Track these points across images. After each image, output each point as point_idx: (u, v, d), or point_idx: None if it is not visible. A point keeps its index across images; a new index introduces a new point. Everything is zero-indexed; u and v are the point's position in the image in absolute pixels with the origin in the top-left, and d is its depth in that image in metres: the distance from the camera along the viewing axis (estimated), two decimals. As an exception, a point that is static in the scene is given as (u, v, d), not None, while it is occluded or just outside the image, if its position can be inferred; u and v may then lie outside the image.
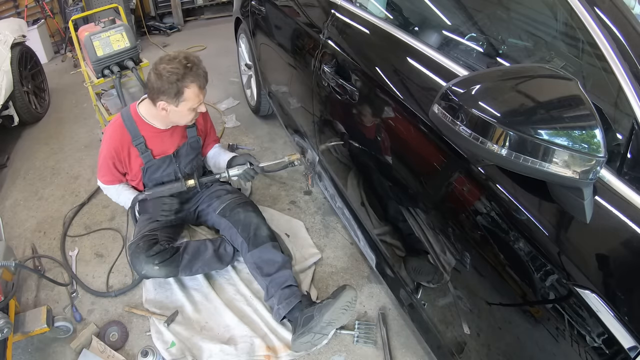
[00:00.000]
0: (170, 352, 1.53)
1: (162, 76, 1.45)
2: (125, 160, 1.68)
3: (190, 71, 1.47)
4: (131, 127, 1.63)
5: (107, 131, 1.69)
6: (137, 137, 1.64)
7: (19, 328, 1.48)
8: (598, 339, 0.69)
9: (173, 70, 1.44)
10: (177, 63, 1.45)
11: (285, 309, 1.53)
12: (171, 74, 1.44)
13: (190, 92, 1.50)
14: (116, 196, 1.80)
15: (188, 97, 1.51)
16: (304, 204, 2.20)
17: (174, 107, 1.53)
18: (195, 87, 1.50)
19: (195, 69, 1.48)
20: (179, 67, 1.45)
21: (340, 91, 1.40)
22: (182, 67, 1.45)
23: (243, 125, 2.92)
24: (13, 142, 2.94)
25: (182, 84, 1.46)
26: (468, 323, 1.04)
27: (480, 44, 1.12)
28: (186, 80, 1.47)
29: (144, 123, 1.64)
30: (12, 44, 2.91)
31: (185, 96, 1.50)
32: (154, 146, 1.68)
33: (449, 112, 0.75)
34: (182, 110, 1.55)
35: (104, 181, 1.75)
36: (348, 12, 1.46)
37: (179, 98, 1.50)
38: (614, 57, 0.79)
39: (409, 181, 1.18)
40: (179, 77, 1.45)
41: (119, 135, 1.64)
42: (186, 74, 1.46)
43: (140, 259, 1.61)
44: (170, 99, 1.50)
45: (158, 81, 1.46)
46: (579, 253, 0.73)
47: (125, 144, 1.64)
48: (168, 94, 1.48)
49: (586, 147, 0.64)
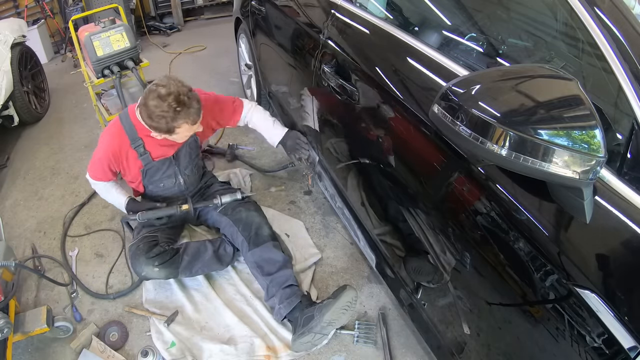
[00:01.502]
0: (170, 352, 1.53)
1: (151, 117, 1.46)
2: (123, 162, 1.68)
3: (180, 114, 1.44)
4: (129, 130, 1.63)
5: (105, 134, 1.68)
6: (136, 140, 1.64)
7: (19, 328, 1.48)
8: (598, 339, 0.69)
9: (162, 114, 1.43)
10: (167, 106, 1.42)
11: (287, 309, 1.53)
12: (160, 118, 1.44)
13: (182, 129, 1.51)
14: (104, 192, 1.80)
15: (180, 132, 1.52)
16: (304, 204, 2.20)
17: (168, 136, 1.55)
18: (186, 125, 1.49)
19: (186, 110, 1.45)
20: (169, 111, 1.43)
21: (340, 91, 1.40)
22: (172, 111, 1.43)
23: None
24: (13, 142, 2.94)
25: (173, 124, 1.47)
26: (468, 323, 1.04)
27: (480, 44, 1.12)
28: (177, 122, 1.46)
29: (141, 126, 1.64)
30: (12, 44, 2.90)
31: (177, 131, 1.51)
32: (153, 149, 1.68)
33: (449, 112, 0.75)
34: (176, 137, 1.57)
35: (93, 177, 1.75)
36: (348, 12, 1.46)
37: (171, 134, 1.52)
38: (614, 57, 0.79)
39: (409, 181, 1.18)
40: (169, 120, 1.45)
41: (117, 138, 1.63)
42: (176, 117, 1.45)
43: (140, 261, 1.61)
44: (163, 133, 1.52)
45: (149, 120, 1.47)
46: (579, 253, 0.73)
47: (123, 147, 1.64)
48: (160, 130, 1.50)
49: (586, 147, 0.64)
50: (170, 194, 1.84)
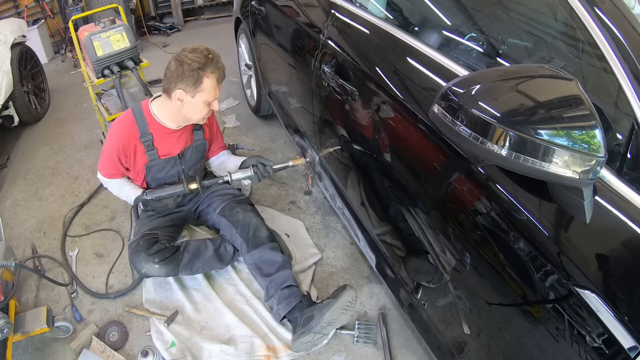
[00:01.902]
0: (170, 352, 1.53)
1: (183, 63, 1.48)
2: (130, 155, 1.67)
3: (211, 62, 1.50)
4: (141, 123, 1.63)
5: (115, 124, 1.66)
6: (146, 134, 1.63)
7: (19, 328, 1.48)
8: (598, 339, 0.69)
9: (195, 58, 1.48)
10: (199, 53, 1.49)
11: (285, 309, 1.53)
12: (193, 62, 1.48)
13: (208, 83, 1.52)
14: (118, 190, 1.78)
15: (205, 88, 1.52)
16: (304, 204, 2.20)
17: (190, 98, 1.53)
18: (213, 78, 1.52)
19: (216, 60, 1.53)
20: (201, 57, 1.49)
21: (340, 91, 1.40)
22: (204, 57, 1.49)
23: (243, 125, 2.92)
24: (13, 142, 2.94)
25: (202, 72, 1.49)
26: (468, 323, 1.04)
27: (480, 44, 1.12)
28: (206, 70, 1.49)
29: (154, 121, 1.64)
30: (12, 44, 2.90)
31: (203, 86, 1.51)
32: (161, 146, 1.67)
33: (449, 112, 0.75)
34: (197, 102, 1.55)
35: (105, 174, 1.73)
36: (348, 12, 1.46)
37: (197, 87, 1.51)
38: (614, 57, 0.79)
39: (409, 181, 1.18)
40: (200, 65, 1.48)
41: (128, 129, 1.62)
42: (207, 64, 1.49)
43: (140, 258, 1.61)
44: (189, 87, 1.51)
45: (179, 68, 1.49)
46: (579, 253, 0.73)
47: (132, 139, 1.63)
48: (187, 82, 1.50)
49: (586, 147, 0.64)
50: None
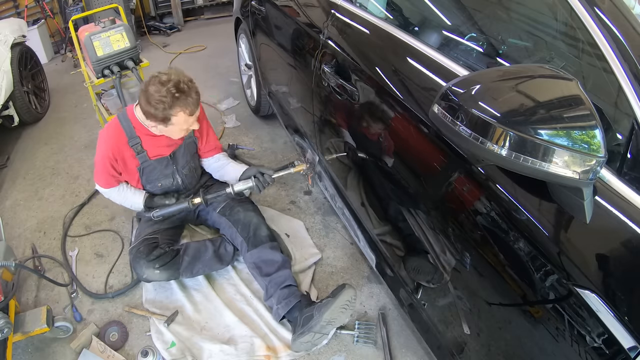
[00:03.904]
0: (170, 352, 1.53)
1: (150, 102, 1.46)
2: (121, 160, 1.68)
3: (178, 100, 1.45)
4: (127, 128, 1.64)
5: (103, 132, 1.68)
6: (133, 138, 1.64)
7: (19, 328, 1.48)
8: (598, 339, 0.69)
9: (161, 98, 1.43)
10: (166, 91, 1.43)
11: (284, 309, 1.53)
12: (158, 102, 1.44)
13: (178, 119, 1.50)
14: (121, 199, 1.78)
15: (176, 122, 1.52)
16: (304, 204, 2.20)
17: (164, 127, 1.54)
18: (183, 114, 1.49)
19: (184, 97, 1.46)
20: (167, 96, 1.43)
21: (340, 91, 1.40)
22: (170, 97, 1.43)
23: (243, 125, 2.92)
24: (13, 142, 2.94)
25: (169, 112, 1.47)
26: (468, 323, 1.04)
27: (480, 44, 1.12)
28: (174, 109, 1.47)
29: (140, 125, 1.64)
30: (12, 44, 2.90)
31: (173, 121, 1.51)
32: (150, 147, 1.68)
33: (449, 112, 0.75)
34: (171, 130, 1.56)
35: (102, 185, 1.74)
36: (348, 12, 1.46)
37: (166, 123, 1.51)
38: (614, 57, 0.79)
39: (409, 181, 1.18)
40: (166, 106, 1.44)
41: (115, 135, 1.64)
42: (174, 104, 1.45)
43: (140, 264, 1.61)
44: (159, 122, 1.51)
45: (147, 105, 1.47)
46: (579, 253, 0.73)
47: (121, 144, 1.64)
48: (157, 119, 1.49)
49: (586, 147, 0.64)
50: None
